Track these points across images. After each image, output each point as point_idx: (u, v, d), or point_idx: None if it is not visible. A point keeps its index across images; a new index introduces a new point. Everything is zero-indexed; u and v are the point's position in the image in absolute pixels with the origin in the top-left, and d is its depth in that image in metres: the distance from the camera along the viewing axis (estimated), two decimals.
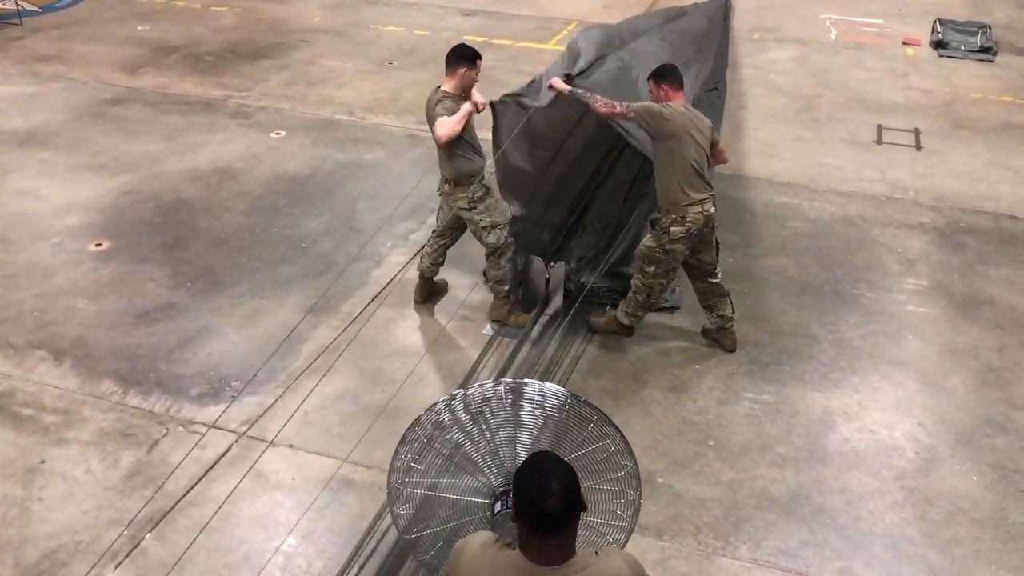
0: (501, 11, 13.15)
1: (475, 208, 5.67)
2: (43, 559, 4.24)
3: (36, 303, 6.13)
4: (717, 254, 5.63)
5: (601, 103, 5.46)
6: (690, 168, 5.28)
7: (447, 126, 5.37)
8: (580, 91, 5.59)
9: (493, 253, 5.81)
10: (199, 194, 7.66)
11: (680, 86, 5.47)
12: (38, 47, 11.17)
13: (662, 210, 5.40)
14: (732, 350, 5.81)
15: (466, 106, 5.51)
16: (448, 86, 5.56)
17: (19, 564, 4.21)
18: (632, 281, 5.69)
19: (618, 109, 5.41)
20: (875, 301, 6.42)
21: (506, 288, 5.92)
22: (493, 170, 6.05)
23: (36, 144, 8.51)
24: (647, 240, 5.51)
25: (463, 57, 5.56)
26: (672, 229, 5.34)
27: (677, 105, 5.35)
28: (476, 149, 5.64)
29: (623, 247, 6.31)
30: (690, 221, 5.31)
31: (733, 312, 5.77)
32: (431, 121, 5.49)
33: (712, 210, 5.39)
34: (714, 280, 5.67)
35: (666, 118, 5.27)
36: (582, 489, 2.50)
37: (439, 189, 5.82)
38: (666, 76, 5.47)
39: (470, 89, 5.62)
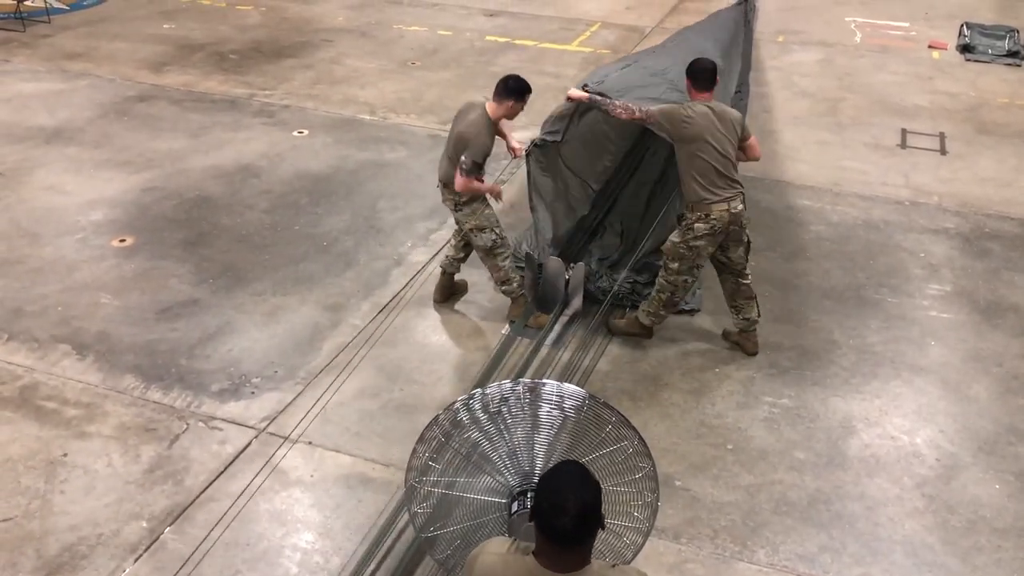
0: (524, 12, 13.15)
1: (461, 210, 5.71)
2: (64, 551, 4.28)
3: (60, 298, 6.19)
4: (747, 253, 5.57)
5: (620, 108, 5.43)
6: (712, 169, 5.22)
7: (470, 187, 5.49)
8: (599, 97, 5.57)
9: (486, 255, 5.83)
10: (222, 191, 7.71)
11: (706, 86, 5.33)
12: (66, 44, 11.29)
13: (687, 207, 5.37)
14: (754, 353, 5.78)
15: (490, 188, 5.75)
16: (492, 112, 5.50)
17: (41, 556, 4.25)
18: (657, 279, 5.67)
19: (637, 114, 5.38)
20: (897, 306, 6.36)
21: (514, 286, 5.93)
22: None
23: (62, 140, 8.60)
24: (673, 236, 5.48)
25: (515, 91, 5.48)
26: (696, 226, 5.30)
27: (700, 105, 5.27)
28: None
29: (648, 245, 6.31)
30: (714, 218, 5.27)
31: (759, 316, 5.74)
32: (464, 141, 5.44)
33: (739, 208, 5.31)
34: (744, 281, 5.62)
35: (686, 121, 5.22)
36: (603, 507, 2.48)
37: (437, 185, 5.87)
38: (694, 74, 5.35)
39: (511, 119, 5.62)
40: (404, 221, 7.27)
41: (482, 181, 5.61)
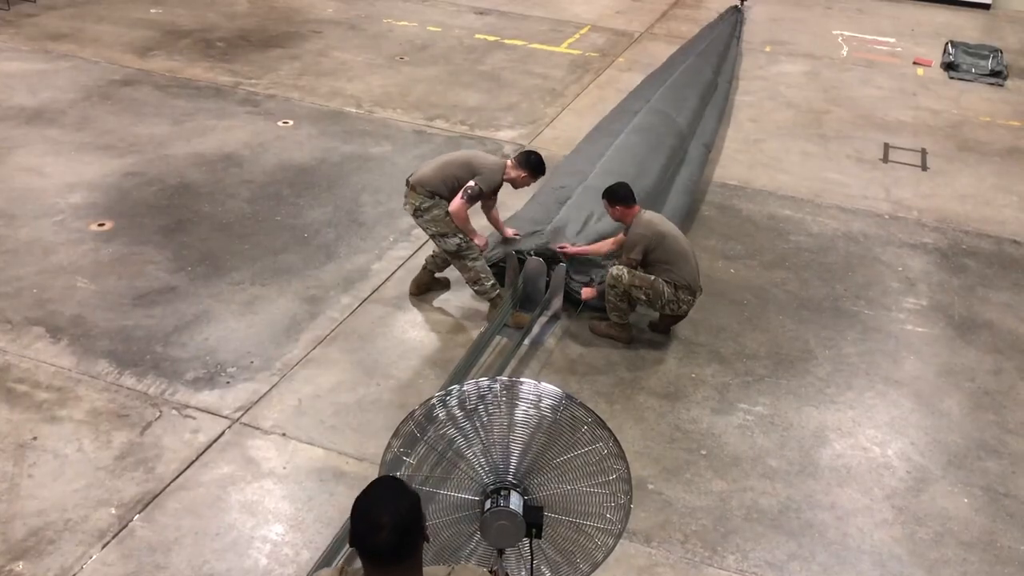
0: (514, 11, 13.15)
1: (421, 216, 5.73)
2: (30, 535, 4.24)
3: (36, 280, 6.13)
4: None
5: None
6: (690, 252, 5.69)
7: (464, 217, 5.66)
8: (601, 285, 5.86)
9: (454, 257, 5.85)
10: (204, 179, 7.66)
11: (631, 200, 5.66)
12: (51, 25, 11.18)
13: (672, 281, 5.64)
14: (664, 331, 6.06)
15: (479, 238, 5.93)
16: (508, 169, 5.81)
17: (6, 539, 4.20)
18: (606, 296, 5.76)
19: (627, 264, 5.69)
20: (874, 319, 6.42)
21: (487, 286, 5.91)
22: None
23: (43, 121, 8.51)
24: (640, 279, 5.64)
25: (535, 167, 5.85)
26: (667, 289, 5.64)
27: (637, 221, 5.62)
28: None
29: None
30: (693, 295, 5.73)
31: None
32: (474, 167, 5.67)
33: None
34: None
35: (650, 231, 5.57)
36: (426, 519, 2.40)
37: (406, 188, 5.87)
38: (617, 196, 5.68)
39: (515, 186, 5.91)
40: (386, 216, 7.25)
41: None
